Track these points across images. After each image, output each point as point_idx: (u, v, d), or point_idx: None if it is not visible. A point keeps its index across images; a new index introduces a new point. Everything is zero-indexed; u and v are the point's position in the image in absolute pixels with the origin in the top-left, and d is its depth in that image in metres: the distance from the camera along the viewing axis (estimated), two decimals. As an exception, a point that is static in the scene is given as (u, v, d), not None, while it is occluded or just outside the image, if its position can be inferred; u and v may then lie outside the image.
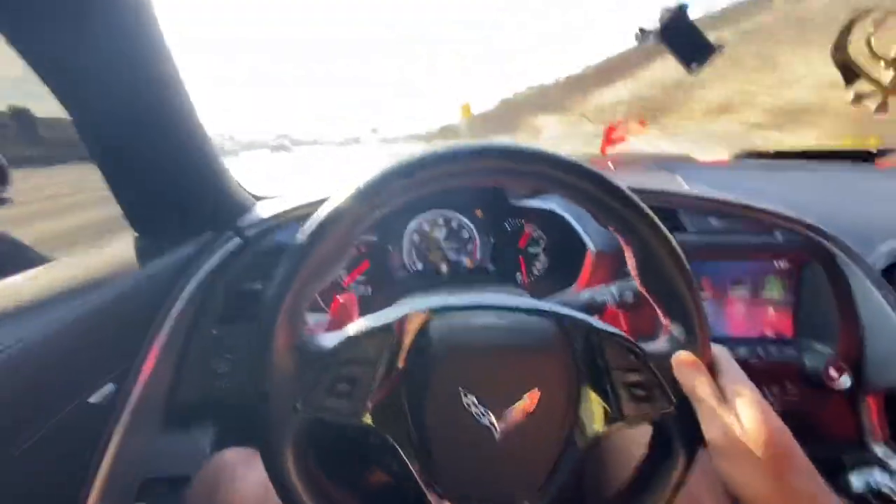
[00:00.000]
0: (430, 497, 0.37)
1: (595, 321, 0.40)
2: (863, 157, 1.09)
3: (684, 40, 0.65)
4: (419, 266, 0.93)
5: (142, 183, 0.67)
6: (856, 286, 0.72)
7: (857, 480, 0.68)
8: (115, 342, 0.58)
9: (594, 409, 0.39)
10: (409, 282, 0.92)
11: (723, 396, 0.36)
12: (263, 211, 0.81)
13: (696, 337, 0.39)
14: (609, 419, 0.38)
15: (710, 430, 0.35)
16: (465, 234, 0.93)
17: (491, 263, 0.93)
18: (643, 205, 0.38)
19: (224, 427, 0.67)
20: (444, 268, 0.93)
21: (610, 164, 1.11)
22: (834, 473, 0.70)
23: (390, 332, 0.38)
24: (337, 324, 0.50)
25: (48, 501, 0.50)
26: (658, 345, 0.40)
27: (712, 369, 0.38)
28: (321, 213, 0.37)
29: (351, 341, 0.37)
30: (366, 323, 0.38)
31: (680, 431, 0.38)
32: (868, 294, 0.70)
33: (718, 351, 0.39)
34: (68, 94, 0.57)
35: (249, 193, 0.87)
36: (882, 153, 1.05)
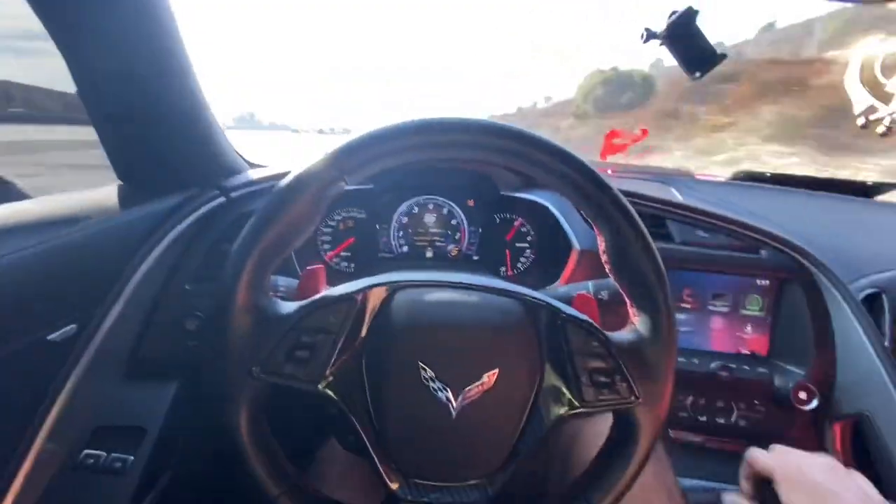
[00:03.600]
0: (384, 472, 0.37)
1: (560, 304, 0.40)
2: (861, 189, 1.09)
3: (689, 45, 0.65)
4: (404, 249, 0.92)
5: (130, 131, 0.66)
6: (834, 311, 0.71)
7: None
8: (83, 283, 0.57)
9: (556, 393, 0.39)
10: (393, 263, 0.91)
11: None
12: (252, 175, 0.80)
13: (661, 330, 0.38)
14: (570, 405, 0.38)
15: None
16: (454, 222, 0.92)
17: (476, 253, 0.93)
18: (617, 191, 0.38)
19: (186, 383, 0.66)
20: (429, 253, 0.93)
21: (609, 171, 1.10)
22: None
23: (352, 302, 0.38)
24: (303, 293, 0.50)
25: None
26: (623, 334, 0.40)
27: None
28: (290, 176, 0.37)
29: (312, 308, 0.37)
30: (329, 292, 0.38)
31: (640, 423, 0.38)
32: (846, 320, 0.70)
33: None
34: (65, 38, 0.57)
35: (244, 159, 0.87)
36: (878, 187, 1.05)
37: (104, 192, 0.67)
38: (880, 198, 1.06)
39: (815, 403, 0.70)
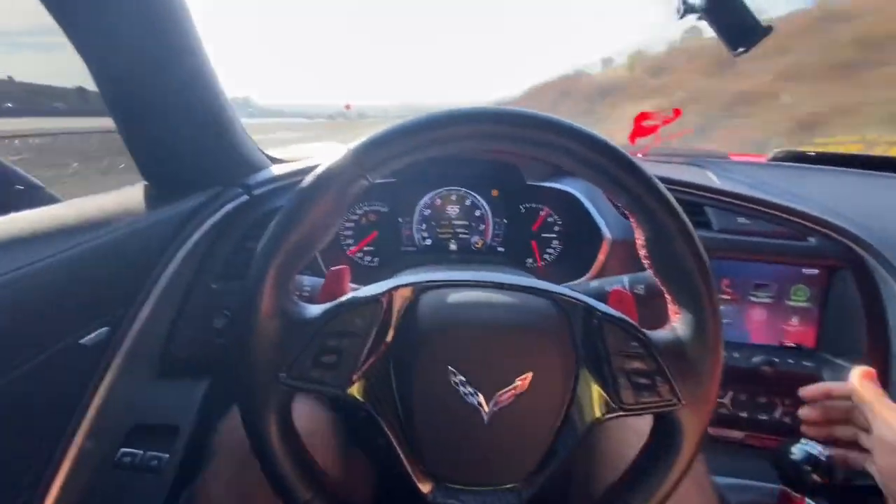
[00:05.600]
0: (415, 475, 0.36)
1: (595, 303, 0.38)
2: None
3: (732, 17, 0.60)
4: (427, 241, 0.91)
5: (153, 131, 0.66)
6: (889, 301, 0.67)
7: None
8: (112, 286, 0.57)
9: (592, 395, 0.37)
10: (416, 257, 0.90)
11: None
12: (275, 172, 0.80)
13: (706, 328, 0.36)
14: (607, 407, 0.36)
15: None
16: (478, 213, 0.90)
17: (502, 245, 0.90)
18: (656, 180, 0.35)
19: (216, 382, 0.67)
20: (452, 245, 0.91)
21: (639, 154, 1.06)
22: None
23: (378, 304, 0.37)
24: (328, 295, 0.49)
25: (33, 436, 0.51)
26: (664, 333, 0.37)
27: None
28: (309, 177, 0.36)
29: (337, 312, 0.36)
30: (354, 295, 0.37)
31: (683, 426, 0.36)
32: None
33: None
34: (85, 41, 0.57)
35: (266, 155, 0.87)
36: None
37: (129, 194, 0.67)
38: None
39: None
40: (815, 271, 0.72)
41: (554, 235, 0.88)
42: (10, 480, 0.49)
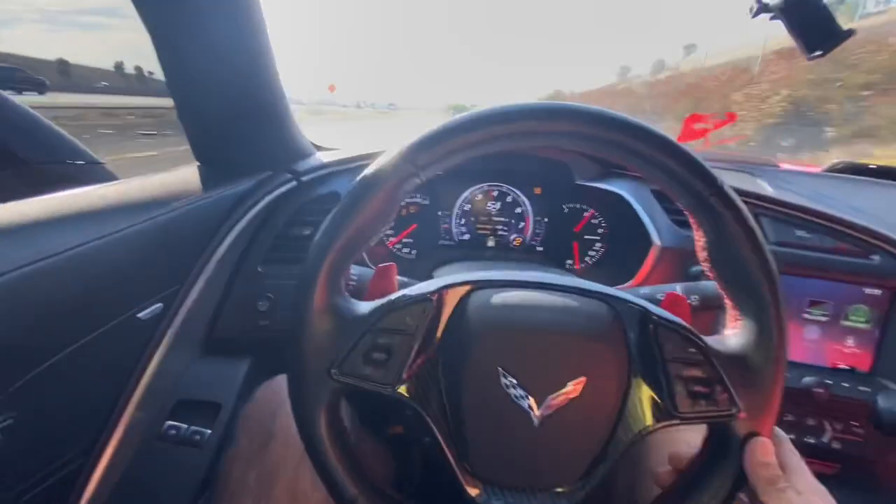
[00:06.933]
0: (462, 476, 0.36)
1: (652, 307, 0.37)
2: None
3: (810, 19, 0.56)
4: (466, 236, 0.90)
5: (211, 114, 0.68)
6: None
7: None
8: (166, 264, 0.59)
9: (644, 402, 0.36)
10: (453, 251, 0.90)
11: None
12: (321, 159, 0.80)
13: (771, 335, 0.34)
14: (662, 414, 0.35)
15: None
16: (519, 211, 0.89)
17: (541, 245, 0.89)
18: (724, 181, 0.34)
19: (258, 362, 0.68)
20: (490, 242, 0.90)
21: None
22: None
23: (428, 303, 0.36)
24: (377, 291, 0.49)
25: (88, 404, 0.53)
26: (725, 340, 0.36)
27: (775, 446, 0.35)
28: (362, 176, 0.36)
29: (388, 309, 0.36)
30: (405, 293, 0.37)
31: (742, 437, 0.35)
32: None
33: (782, 435, 0.37)
34: (154, 21, 0.58)
35: (312, 143, 0.88)
36: None
37: (183, 175, 0.69)
38: None
39: None
40: (879, 292, 0.68)
41: (597, 238, 0.86)
42: (64, 445, 0.51)
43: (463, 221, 0.90)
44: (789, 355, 0.71)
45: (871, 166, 1.01)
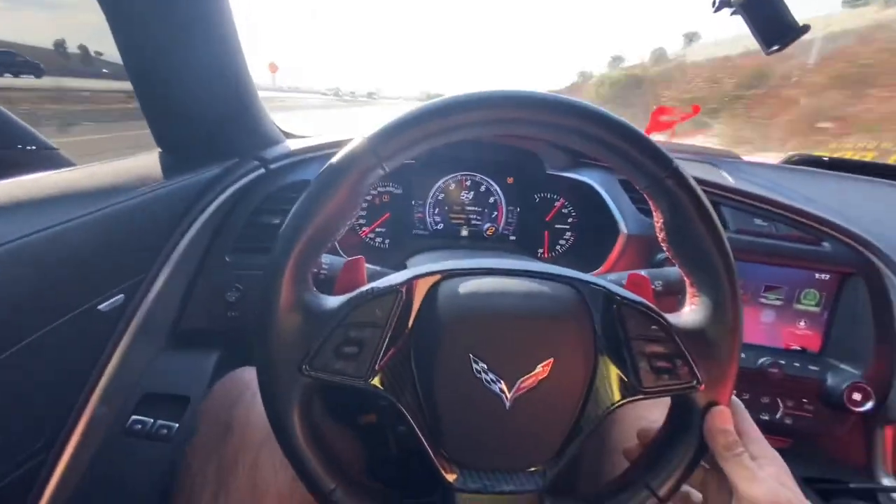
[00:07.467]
0: (438, 462, 0.37)
1: (616, 287, 0.38)
2: None
3: (767, 14, 0.59)
4: (439, 226, 0.90)
5: (173, 99, 0.65)
6: None
7: None
8: (128, 254, 0.57)
9: (611, 379, 0.37)
10: (426, 241, 0.90)
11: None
12: (290, 146, 0.79)
13: (727, 308, 0.36)
14: (627, 390, 0.37)
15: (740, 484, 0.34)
16: (492, 200, 0.90)
17: (513, 234, 0.90)
18: (676, 161, 0.35)
19: (227, 354, 0.67)
20: (464, 231, 0.91)
21: None
22: (832, 495, 0.68)
23: (398, 294, 0.37)
24: (346, 284, 0.48)
25: (48, 398, 0.51)
26: (683, 316, 0.38)
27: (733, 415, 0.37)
28: (323, 171, 0.35)
29: (358, 303, 0.36)
30: (374, 285, 0.37)
31: (703, 408, 0.37)
32: None
33: (738, 403, 0.39)
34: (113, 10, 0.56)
35: (281, 130, 0.86)
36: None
37: (146, 161, 0.66)
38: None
39: (869, 405, 0.67)
40: (827, 276, 0.72)
41: (567, 227, 0.88)
42: (25, 441, 0.49)
43: (436, 211, 0.90)
44: (746, 337, 0.75)
45: (824, 158, 1.07)
